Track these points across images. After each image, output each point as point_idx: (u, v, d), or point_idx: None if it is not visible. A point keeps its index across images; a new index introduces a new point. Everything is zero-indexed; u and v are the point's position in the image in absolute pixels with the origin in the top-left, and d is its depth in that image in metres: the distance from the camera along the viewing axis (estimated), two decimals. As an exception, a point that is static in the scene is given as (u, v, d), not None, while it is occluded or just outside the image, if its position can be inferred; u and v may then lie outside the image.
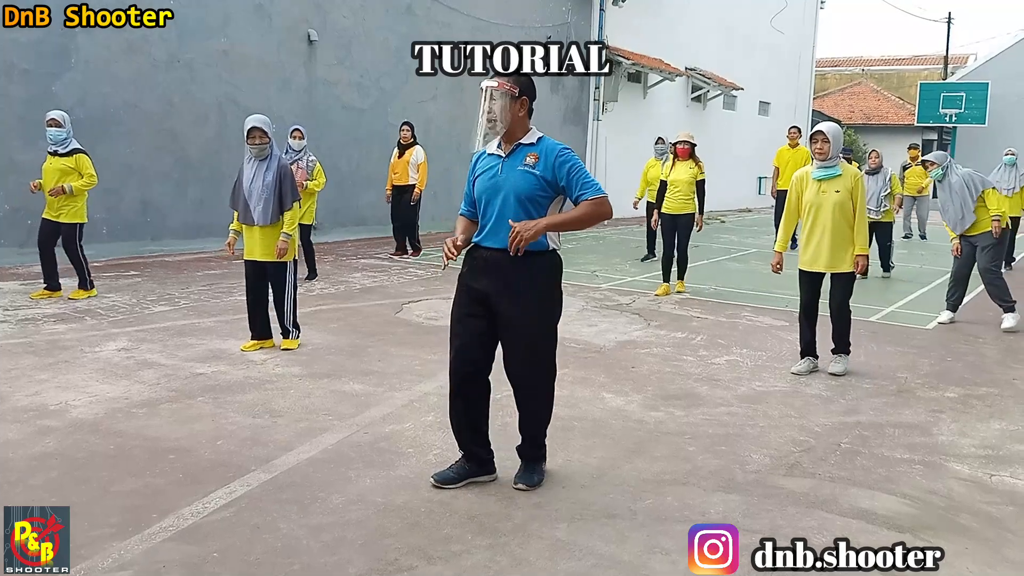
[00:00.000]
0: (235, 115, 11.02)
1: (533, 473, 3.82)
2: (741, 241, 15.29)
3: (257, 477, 3.79)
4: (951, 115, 26.60)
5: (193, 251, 10.69)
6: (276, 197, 5.87)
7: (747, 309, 8.39)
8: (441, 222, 14.12)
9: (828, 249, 5.79)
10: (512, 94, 3.63)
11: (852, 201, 5.73)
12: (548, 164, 3.62)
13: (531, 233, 3.48)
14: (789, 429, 4.73)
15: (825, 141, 5.71)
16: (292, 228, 5.98)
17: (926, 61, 39.72)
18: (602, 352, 6.43)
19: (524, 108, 3.67)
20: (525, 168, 3.64)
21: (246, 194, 5.89)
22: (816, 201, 5.79)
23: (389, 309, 7.78)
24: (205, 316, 7.14)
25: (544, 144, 3.68)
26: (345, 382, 5.36)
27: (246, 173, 5.92)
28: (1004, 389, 5.73)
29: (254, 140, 5.83)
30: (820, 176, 5.79)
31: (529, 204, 3.63)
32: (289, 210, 5.94)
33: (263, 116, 5.96)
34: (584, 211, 3.58)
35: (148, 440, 4.21)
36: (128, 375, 5.31)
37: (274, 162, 5.91)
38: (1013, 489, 3.97)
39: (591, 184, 3.61)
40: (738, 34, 22.96)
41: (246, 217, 5.92)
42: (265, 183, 5.84)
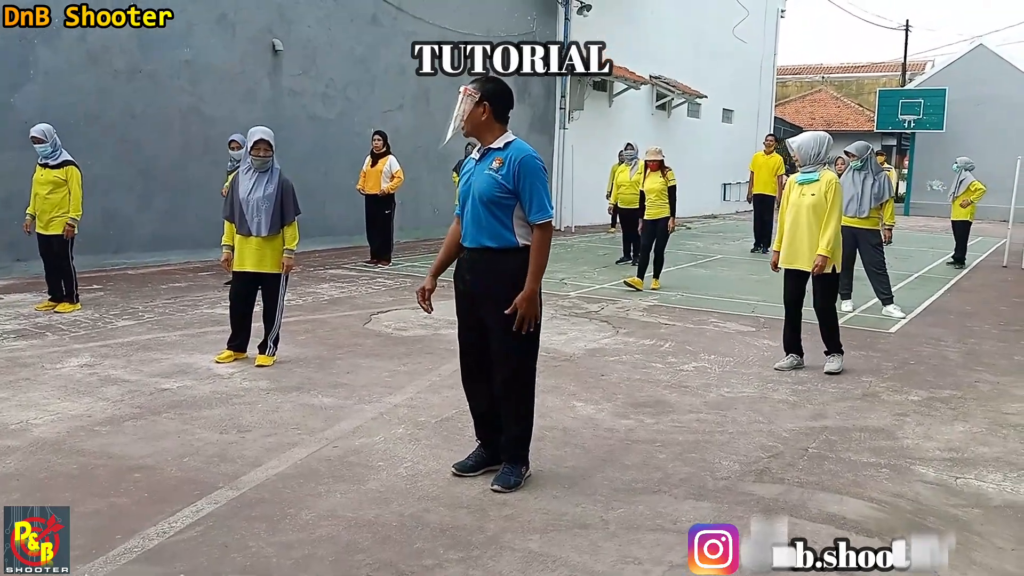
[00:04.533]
0: (199, 126, 10.93)
1: (510, 475, 3.86)
2: (707, 247, 15.42)
3: (225, 494, 3.73)
4: (910, 121, 27.10)
5: (157, 263, 10.53)
6: (278, 209, 5.86)
7: (714, 315, 8.46)
8: (410, 231, 14.08)
9: (807, 247, 6.09)
10: (474, 98, 3.73)
11: (826, 203, 6.06)
12: (510, 170, 3.72)
13: (529, 307, 3.67)
14: (758, 435, 4.77)
15: (796, 152, 6.22)
16: (295, 243, 5.98)
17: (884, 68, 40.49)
18: (572, 360, 6.44)
19: (487, 113, 3.77)
20: (490, 172, 3.76)
21: (243, 205, 5.84)
22: (796, 203, 6.18)
23: (357, 320, 7.72)
24: (170, 330, 7.03)
25: (511, 149, 3.77)
26: (314, 395, 5.31)
27: (243, 184, 5.88)
28: (967, 391, 5.83)
29: (259, 152, 5.81)
30: (801, 180, 6.20)
31: (493, 207, 3.75)
32: (290, 224, 5.92)
33: (267, 128, 5.97)
34: (539, 248, 3.72)
35: (112, 459, 4.13)
36: (91, 392, 5.21)
37: (276, 175, 5.91)
38: (978, 491, 4.03)
39: (542, 206, 3.72)
40: (702, 43, 23.20)
41: (242, 227, 5.87)
42: (266, 194, 5.82)
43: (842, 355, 6.32)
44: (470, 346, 3.97)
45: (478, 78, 3.85)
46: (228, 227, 5.97)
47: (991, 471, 4.28)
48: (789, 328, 6.38)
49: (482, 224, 3.77)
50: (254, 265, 5.92)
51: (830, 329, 6.29)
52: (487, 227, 3.76)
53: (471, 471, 4.02)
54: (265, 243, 5.89)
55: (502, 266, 3.74)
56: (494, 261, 3.75)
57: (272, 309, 6.02)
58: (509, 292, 3.71)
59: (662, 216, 9.98)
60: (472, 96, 3.74)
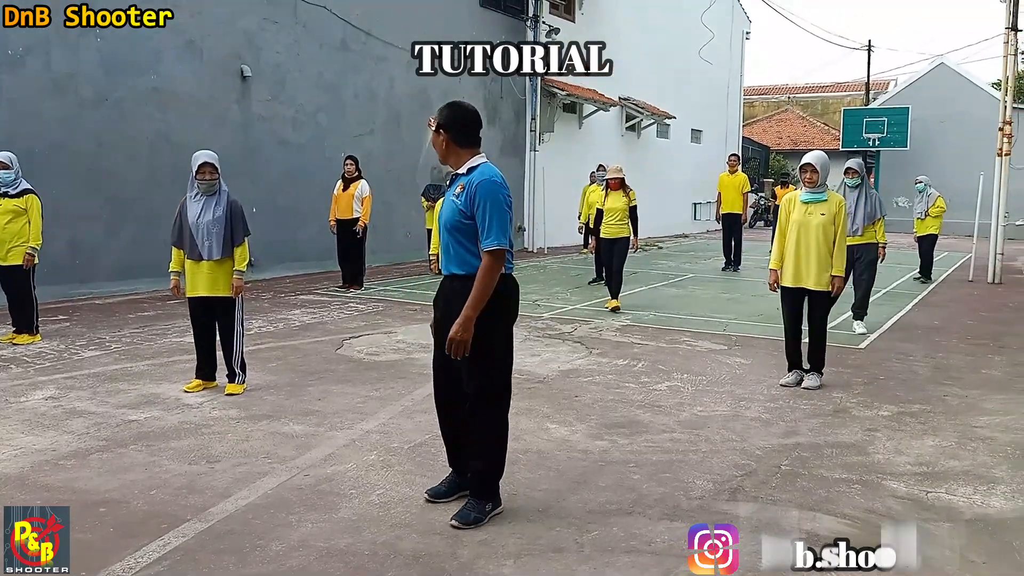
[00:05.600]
0: (167, 153, 10.84)
1: (471, 511, 3.76)
2: (679, 266, 15.52)
3: (193, 527, 3.66)
4: (874, 139, 27.51)
5: (125, 293, 10.40)
6: (228, 231, 5.82)
7: (686, 334, 8.49)
8: (382, 255, 14.04)
9: (815, 267, 6.14)
10: (432, 128, 3.80)
11: (835, 225, 6.12)
12: (468, 195, 3.68)
13: (462, 334, 3.58)
14: (731, 453, 4.78)
15: (814, 171, 6.19)
16: (245, 265, 5.92)
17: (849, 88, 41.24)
18: (545, 382, 6.42)
19: (446, 140, 3.77)
20: (453, 198, 3.75)
21: (192, 229, 5.78)
22: (803, 222, 6.18)
23: (329, 346, 7.66)
24: (138, 360, 6.93)
25: (473, 174, 3.73)
26: (285, 423, 5.24)
27: (191, 208, 5.82)
28: (936, 406, 5.88)
29: (204, 176, 5.76)
30: (807, 199, 6.20)
31: (457, 233, 3.72)
32: (240, 245, 5.87)
33: (211, 152, 5.90)
34: (483, 276, 3.59)
35: (77, 493, 4.05)
36: (56, 425, 5.11)
37: (223, 197, 5.86)
38: (949, 505, 4.06)
39: (495, 233, 3.61)
40: (670, 65, 23.48)
41: (193, 252, 5.82)
42: (215, 217, 5.77)
43: (823, 374, 6.37)
44: (440, 374, 3.92)
45: (442, 105, 3.85)
46: (176, 253, 5.93)
47: (961, 484, 4.32)
48: (792, 345, 6.44)
49: (450, 252, 3.76)
50: (207, 289, 5.85)
51: (821, 347, 6.36)
52: (454, 254, 3.73)
53: (444, 497, 3.97)
54: (217, 267, 5.84)
55: (466, 293, 3.65)
56: (461, 288, 3.67)
57: (229, 334, 5.94)
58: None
59: (622, 236, 9.89)
60: (431, 126, 3.80)
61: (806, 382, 6.29)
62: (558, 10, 18.91)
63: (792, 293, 6.33)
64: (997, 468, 4.58)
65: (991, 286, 13.05)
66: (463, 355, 3.61)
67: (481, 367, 3.73)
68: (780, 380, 6.44)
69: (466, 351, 3.61)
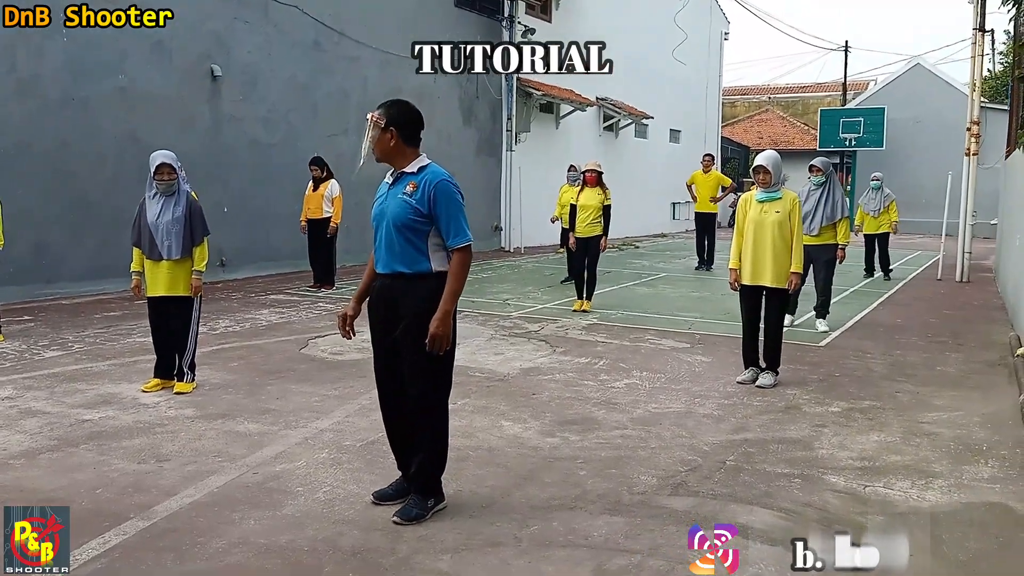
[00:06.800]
0: (134, 154, 10.74)
1: (413, 507, 3.80)
2: (652, 266, 15.61)
3: (135, 525, 3.68)
4: (851, 139, 27.73)
5: (91, 293, 10.36)
6: (187, 231, 5.84)
7: (651, 332, 8.56)
8: (356, 255, 14.02)
9: (771, 265, 6.26)
10: (380, 125, 3.74)
11: (790, 222, 6.23)
12: (424, 195, 3.70)
13: (443, 328, 3.62)
14: (679, 449, 4.84)
15: (766, 172, 6.31)
16: (203, 264, 5.94)
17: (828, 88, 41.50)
18: (505, 380, 6.47)
19: (394, 138, 3.77)
20: (403, 197, 3.74)
21: (152, 229, 5.80)
22: (758, 220, 6.30)
23: (294, 345, 7.68)
24: (99, 360, 6.93)
25: (425, 174, 3.75)
26: (240, 422, 5.27)
27: (150, 208, 5.84)
28: (887, 402, 5.98)
29: (162, 176, 5.78)
30: (762, 199, 6.32)
31: (408, 232, 3.72)
32: (199, 245, 5.90)
33: (169, 151, 5.92)
34: (457, 272, 3.70)
35: (23, 492, 4.05)
36: (8, 425, 5.11)
37: (183, 197, 5.87)
38: (885, 499, 4.13)
39: (460, 230, 3.70)
40: (647, 65, 23.56)
41: (152, 252, 5.84)
42: (175, 217, 5.79)
43: (778, 373, 6.44)
44: (386, 377, 3.91)
45: (384, 103, 3.84)
46: (137, 253, 5.95)
47: (900, 479, 4.40)
48: (749, 343, 6.52)
49: (395, 250, 3.74)
50: (166, 289, 5.88)
51: (775, 345, 6.44)
52: (400, 253, 3.74)
53: (390, 500, 3.95)
54: (176, 266, 5.86)
55: (415, 291, 3.69)
56: (408, 287, 3.71)
57: (184, 334, 5.96)
58: (421, 316, 3.66)
59: (595, 235, 9.77)
60: (378, 123, 3.75)
61: (760, 380, 6.37)
62: (534, 10, 18.97)
63: (750, 291, 6.43)
64: (938, 463, 4.67)
65: (959, 285, 13.20)
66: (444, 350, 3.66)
67: (434, 366, 3.75)
68: (736, 377, 6.51)
69: (447, 345, 3.65)
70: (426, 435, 3.86)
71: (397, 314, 3.74)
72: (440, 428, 3.91)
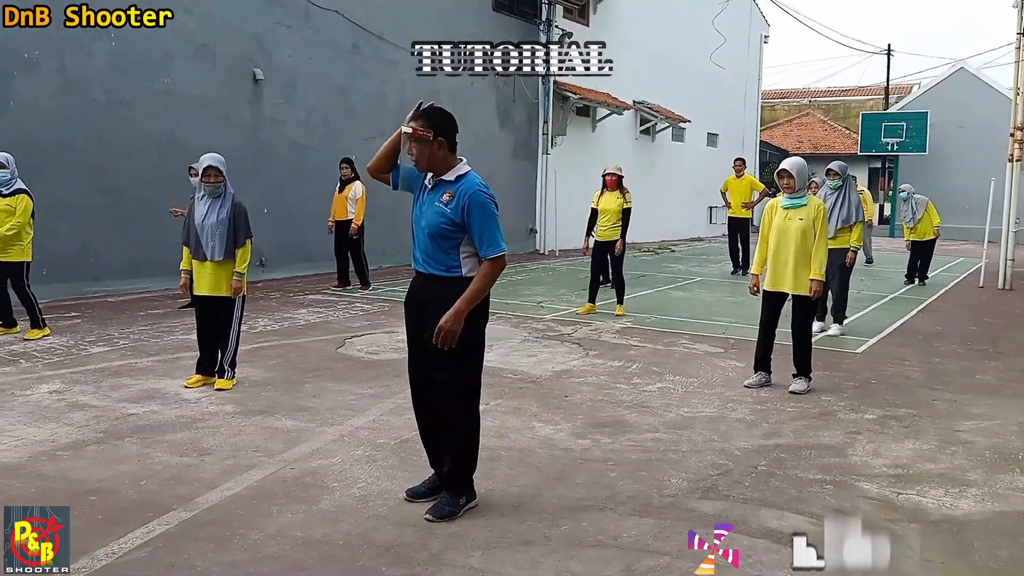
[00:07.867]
0: (175, 155, 10.99)
1: (445, 504, 3.87)
2: (688, 270, 15.56)
3: (177, 516, 3.80)
4: (893, 144, 27.36)
5: (136, 291, 10.62)
6: (231, 233, 5.98)
7: (685, 337, 8.56)
8: (390, 256, 14.18)
9: (792, 271, 6.23)
10: (427, 138, 3.76)
11: (814, 229, 6.21)
12: (459, 205, 3.74)
13: (453, 325, 3.67)
14: (710, 453, 4.86)
15: (791, 178, 6.28)
16: (244, 266, 6.07)
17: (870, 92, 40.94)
18: (537, 382, 6.53)
19: (442, 148, 3.80)
20: (439, 205, 3.78)
21: (198, 230, 5.97)
22: (782, 227, 6.29)
23: (331, 344, 7.81)
24: (143, 356, 7.11)
25: (462, 184, 3.79)
26: (278, 419, 5.39)
27: (197, 210, 6.01)
28: (923, 410, 5.92)
29: (209, 178, 5.94)
30: (787, 205, 6.31)
31: (441, 239, 3.78)
32: (242, 247, 6.03)
33: (218, 155, 6.07)
34: (486, 276, 3.74)
35: (70, 482, 4.21)
36: (57, 418, 5.28)
37: (228, 199, 6.02)
38: (917, 507, 4.12)
39: (494, 241, 3.74)
40: (685, 69, 23.48)
41: (197, 252, 6.00)
42: (219, 219, 5.94)
43: (810, 379, 6.42)
44: (418, 374, 3.99)
45: (421, 113, 3.82)
46: (186, 252, 6.11)
47: (933, 487, 4.37)
48: (762, 347, 6.52)
49: (430, 254, 3.82)
50: (209, 289, 6.03)
51: (804, 351, 6.41)
52: (434, 257, 3.81)
53: (422, 497, 4.02)
54: (220, 267, 6.00)
55: (448, 292, 3.76)
56: (441, 289, 3.78)
57: (226, 333, 6.12)
58: None
59: (616, 239, 9.64)
60: (425, 136, 3.74)
61: (793, 386, 6.34)
62: (571, 14, 18.99)
63: (771, 297, 6.43)
64: (972, 471, 4.63)
65: (1001, 292, 12.99)
66: (450, 345, 3.69)
67: (457, 365, 3.82)
68: (744, 381, 6.52)
69: (453, 342, 3.69)
70: (457, 435, 3.93)
71: (428, 314, 3.80)
72: (471, 428, 3.97)
